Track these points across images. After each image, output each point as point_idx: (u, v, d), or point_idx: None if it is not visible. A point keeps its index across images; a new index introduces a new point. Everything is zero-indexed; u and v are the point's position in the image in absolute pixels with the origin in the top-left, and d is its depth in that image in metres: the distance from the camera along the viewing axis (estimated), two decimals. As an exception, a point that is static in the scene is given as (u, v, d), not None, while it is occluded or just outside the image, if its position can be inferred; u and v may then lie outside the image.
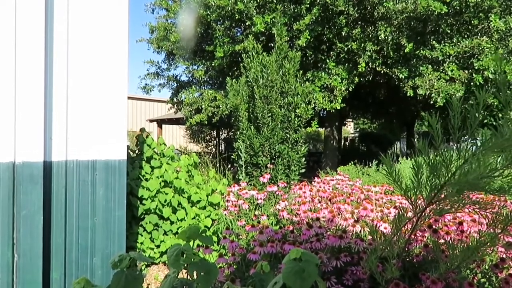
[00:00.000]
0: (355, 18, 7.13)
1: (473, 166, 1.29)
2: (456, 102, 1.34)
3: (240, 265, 2.21)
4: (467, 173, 1.32)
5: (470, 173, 1.29)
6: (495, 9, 6.19)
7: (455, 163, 1.36)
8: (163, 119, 17.34)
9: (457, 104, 1.34)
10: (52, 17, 2.29)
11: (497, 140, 1.24)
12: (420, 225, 1.64)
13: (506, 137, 1.23)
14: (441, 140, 1.37)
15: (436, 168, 1.39)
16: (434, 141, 1.39)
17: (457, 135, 1.32)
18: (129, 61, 2.59)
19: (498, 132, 1.25)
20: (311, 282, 1.00)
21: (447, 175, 1.38)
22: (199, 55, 9.14)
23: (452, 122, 1.33)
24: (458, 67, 6.63)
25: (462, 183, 1.34)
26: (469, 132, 1.30)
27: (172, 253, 1.08)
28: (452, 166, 1.36)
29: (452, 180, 1.37)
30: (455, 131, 1.32)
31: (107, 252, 2.50)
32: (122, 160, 2.55)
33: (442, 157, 1.36)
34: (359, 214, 2.37)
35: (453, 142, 1.34)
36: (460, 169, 1.35)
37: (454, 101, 1.35)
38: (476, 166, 1.26)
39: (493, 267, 1.91)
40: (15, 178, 2.16)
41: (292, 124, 5.14)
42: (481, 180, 1.30)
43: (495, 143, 1.25)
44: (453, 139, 1.32)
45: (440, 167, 1.38)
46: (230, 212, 3.23)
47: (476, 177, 1.28)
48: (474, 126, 1.30)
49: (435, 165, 1.39)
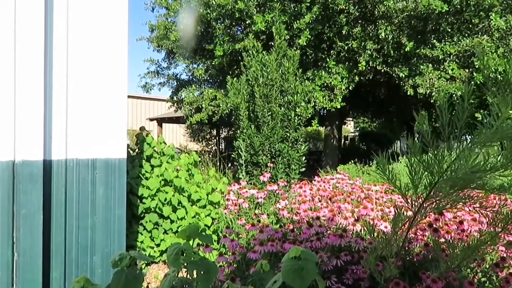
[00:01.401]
0: (355, 16, 7.12)
1: (461, 161, 1.30)
2: (443, 99, 1.34)
3: (240, 264, 2.21)
4: (457, 170, 1.33)
5: (459, 169, 1.30)
6: (496, 7, 6.18)
7: (447, 160, 1.36)
8: (163, 118, 17.33)
9: (444, 101, 1.33)
10: (52, 15, 2.28)
11: (485, 134, 1.24)
12: (418, 222, 1.64)
13: (492, 131, 1.23)
14: (432, 138, 1.37)
15: (429, 166, 1.39)
16: (424, 139, 1.39)
17: (446, 132, 1.31)
18: (129, 60, 2.59)
19: (485, 127, 1.25)
20: (310, 280, 1.00)
21: (439, 172, 1.38)
22: (199, 53, 9.13)
23: (441, 118, 1.33)
24: (458, 66, 6.62)
25: (454, 179, 1.34)
26: (458, 127, 1.29)
27: (172, 252, 1.08)
28: (443, 163, 1.37)
29: (445, 176, 1.38)
30: (445, 128, 1.32)
31: (107, 251, 2.49)
32: (122, 159, 2.55)
33: (434, 155, 1.36)
34: (360, 213, 2.36)
35: (444, 139, 1.34)
36: (451, 166, 1.35)
37: (441, 97, 1.35)
38: (464, 162, 1.26)
39: (494, 266, 1.91)
40: (15, 177, 2.15)
41: (292, 123, 5.14)
42: (472, 175, 1.30)
43: (484, 137, 1.25)
44: (443, 136, 1.32)
45: (433, 165, 1.38)
46: (230, 211, 3.22)
47: (466, 172, 1.29)
48: (462, 121, 1.29)
49: (428, 162, 1.39)
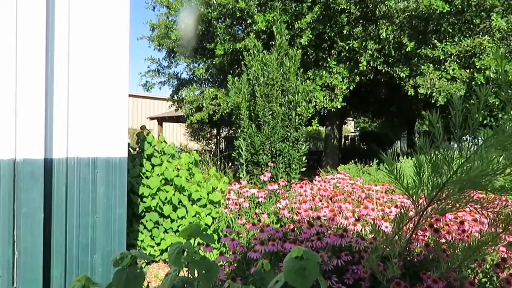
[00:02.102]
0: (356, 16, 7.12)
1: (475, 163, 1.29)
2: (458, 100, 1.34)
3: (241, 263, 2.21)
4: (469, 171, 1.32)
5: (472, 170, 1.29)
6: (497, 8, 6.17)
7: (457, 161, 1.36)
8: (164, 117, 17.32)
9: (458, 102, 1.33)
10: (53, 14, 2.28)
11: (499, 137, 1.24)
12: (422, 224, 1.64)
13: (507, 134, 1.22)
14: (442, 139, 1.37)
15: (438, 166, 1.39)
16: (435, 139, 1.38)
17: (458, 134, 1.31)
18: (130, 59, 2.59)
19: (500, 130, 1.25)
20: (312, 280, 0.99)
21: (449, 173, 1.37)
22: (200, 52, 9.13)
23: (454, 120, 1.33)
24: (459, 66, 6.61)
25: (464, 181, 1.34)
26: (471, 130, 1.29)
27: (173, 251, 1.08)
28: (453, 164, 1.36)
29: (454, 178, 1.37)
30: (457, 129, 1.31)
31: (107, 250, 2.50)
32: (123, 158, 2.55)
33: (444, 155, 1.35)
34: (360, 213, 2.36)
35: (455, 141, 1.34)
36: (462, 167, 1.34)
37: (456, 99, 1.34)
38: (479, 164, 1.26)
39: (495, 267, 1.91)
40: (16, 175, 2.15)
41: (292, 122, 5.14)
42: (483, 178, 1.30)
43: (498, 140, 1.25)
44: (455, 138, 1.32)
45: (442, 165, 1.37)
46: (230, 210, 3.22)
47: (478, 175, 1.28)
48: (475, 124, 1.29)
49: (437, 163, 1.38)
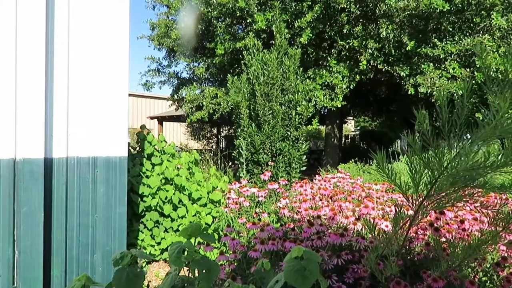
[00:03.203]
0: (356, 15, 7.11)
1: (461, 158, 1.30)
2: (443, 96, 1.33)
3: (241, 262, 2.21)
4: (457, 166, 1.33)
5: (460, 165, 1.30)
6: (497, 7, 6.16)
7: (447, 157, 1.36)
8: (164, 116, 17.32)
9: (443, 98, 1.33)
10: (53, 13, 2.28)
11: (485, 130, 1.24)
12: (419, 221, 1.64)
13: (492, 126, 1.22)
14: (433, 137, 1.36)
15: (430, 163, 1.39)
16: (425, 137, 1.38)
17: (447, 129, 1.31)
18: (129, 58, 2.59)
19: (484, 124, 1.25)
20: (313, 280, 0.99)
21: (440, 169, 1.38)
22: (200, 52, 9.13)
23: (441, 116, 1.32)
24: (459, 65, 6.61)
25: (455, 176, 1.34)
26: (458, 125, 1.29)
27: (173, 251, 1.08)
28: (444, 160, 1.36)
29: (445, 173, 1.38)
30: (444, 125, 1.31)
31: (107, 249, 2.50)
32: (123, 157, 2.55)
33: (435, 152, 1.36)
34: (360, 212, 2.36)
35: (444, 137, 1.34)
36: (451, 163, 1.35)
37: (440, 94, 1.34)
38: (464, 158, 1.26)
39: (495, 266, 1.91)
40: (16, 175, 2.15)
41: (293, 121, 5.13)
42: (472, 172, 1.30)
43: (483, 133, 1.25)
44: (444, 134, 1.32)
45: (433, 162, 1.38)
46: (231, 210, 3.22)
47: (466, 169, 1.28)
48: (461, 119, 1.29)
49: (428, 160, 1.39)
